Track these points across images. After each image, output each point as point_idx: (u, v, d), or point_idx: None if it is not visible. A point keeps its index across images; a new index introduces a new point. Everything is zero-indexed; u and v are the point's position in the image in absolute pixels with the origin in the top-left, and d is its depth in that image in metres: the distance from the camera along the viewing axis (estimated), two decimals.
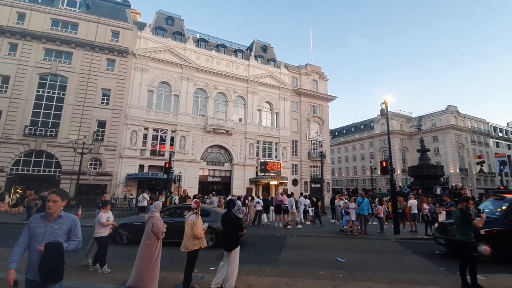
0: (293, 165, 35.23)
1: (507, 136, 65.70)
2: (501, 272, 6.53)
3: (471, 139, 58.24)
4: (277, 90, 34.57)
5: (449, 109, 57.67)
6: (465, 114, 59.69)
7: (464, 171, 54.26)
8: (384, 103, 15.02)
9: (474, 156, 54.46)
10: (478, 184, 55.03)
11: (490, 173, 56.48)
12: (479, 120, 61.99)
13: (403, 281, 6.00)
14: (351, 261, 7.86)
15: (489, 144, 60.62)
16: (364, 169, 63.66)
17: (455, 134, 56.05)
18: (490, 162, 56.30)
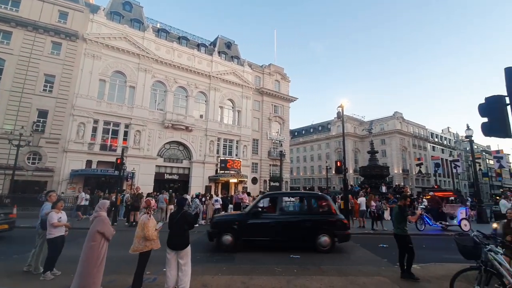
0: (253, 163, 35.53)
1: (441, 141, 74.52)
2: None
3: (413, 143, 64.85)
4: (240, 88, 34.48)
5: (396, 115, 63.46)
6: (408, 120, 66.17)
7: (406, 171, 60.22)
8: (341, 106, 15.90)
9: (414, 159, 60.72)
10: (417, 183, 61.48)
11: (427, 174, 63.47)
12: (419, 126, 69.27)
13: (351, 273, 6.37)
14: (306, 256, 8.14)
15: (427, 148, 68.13)
16: (320, 169, 66.87)
17: (399, 138, 61.87)
18: (427, 164, 63.23)
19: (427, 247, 9.88)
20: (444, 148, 73.33)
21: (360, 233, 12.78)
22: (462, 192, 53.73)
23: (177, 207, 5.31)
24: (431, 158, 57.94)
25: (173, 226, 4.96)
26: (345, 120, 41.87)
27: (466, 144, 68.99)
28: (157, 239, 5.04)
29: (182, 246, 4.84)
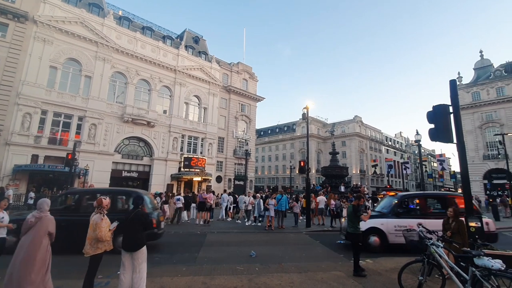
0: (218, 162, 35.14)
1: (394, 145, 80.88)
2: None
3: (370, 146, 69.45)
4: (207, 84, 33.81)
5: (356, 119, 67.39)
6: (367, 124, 70.72)
7: (363, 172, 64.30)
8: (306, 108, 16.36)
9: (370, 160, 65.08)
10: (372, 183, 65.96)
11: (381, 174, 68.41)
12: (376, 130, 74.42)
13: (310, 269, 6.57)
14: (267, 254, 8.23)
15: (382, 151, 73.47)
16: (284, 168, 68.42)
17: (358, 140, 65.82)
18: (381, 165, 68.14)
19: None
20: (397, 151, 79.71)
21: (320, 230, 13.31)
22: (410, 191, 58.93)
23: (133, 206, 4.99)
24: (385, 160, 62.64)
25: (127, 226, 4.65)
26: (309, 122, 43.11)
27: (415, 147, 75.75)
28: (111, 240, 4.68)
29: (135, 247, 4.55)
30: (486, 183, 44.77)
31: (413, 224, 7.93)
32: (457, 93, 7.19)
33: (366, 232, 8.23)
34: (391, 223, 8.68)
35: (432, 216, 8.81)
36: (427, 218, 8.39)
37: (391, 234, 8.56)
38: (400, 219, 8.71)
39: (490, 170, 44.69)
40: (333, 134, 33.39)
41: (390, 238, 8.56)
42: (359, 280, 5.78)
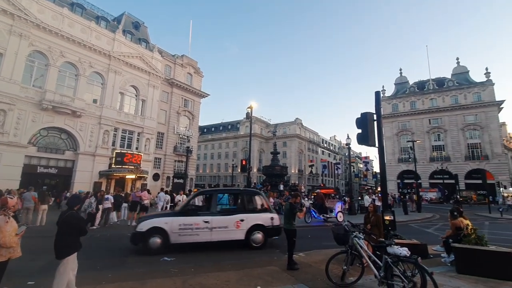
0: (157, 158, 33.16)
1: (329, 147, 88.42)
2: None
3: (308, 147, 74.47)
4: (147, 75, 31.51)
5: (296, 121, 71.42)
6: (306, 127, 75.61)
7: (301, 171, 68.56)
8: (250, 107, 16.59)
9: (308, 160, 69.89)
10: (308, 182, 70.84)
11: (316, 174, 73.98)
12: (313, 133, 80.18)
13: (247, 266, 6.65)
14: (205, 254, 8.07)
15: (318, 152, 79.53)
16: (227, 167, 68.40)
17: (298, 141, 69.90)
18: (317, 166, 73.70)
19: (312, 237, 11.40)
20: (331, 152, 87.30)
21: None
22: (340, 190, 65.27)
23: (66, 207, 4.40)
24: (321, 160, 67.98)
25: (57, 230, 4.16)
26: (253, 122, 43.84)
27: (346, 150, 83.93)
28: (18, 246, 3.94)
29: (60, 255, 4.05)
30: (399, 182, 52.36)
31: (199, 222, 8.17)
32: (380, 103, 8.17)
33: (147, 233, 7.74)
34: (176, 221, 8.09)
35: (220, 213, 8.89)
36: (215, 215, 8.55)
37: (174, 233, 7.96)
38: (187, 217, 8.24)
39: (402, 171, 52.49)
40: (275, 134, 34.73)
41: (172, 237, 7.94)
42: (292, 273, 6.08)
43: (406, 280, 4.31)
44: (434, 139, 51.59)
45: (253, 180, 49.10)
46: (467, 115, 48.90)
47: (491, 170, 44.03)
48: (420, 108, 53.15)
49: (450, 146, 49.51)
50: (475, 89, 49.10)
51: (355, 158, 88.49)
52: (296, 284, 5.35)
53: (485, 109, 47.40)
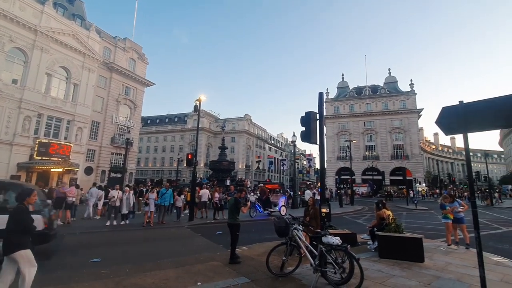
0: (90, 150, 29.96)
1: (276, 144, 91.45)
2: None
3: (256, 143, 75.79)
4: (81, 56, 28.03)
5: (246, 117, 71.96)
6: (255, 123, 76.75)
7: (248, 167, 69.53)
8: (198, 100, 16.03)
9: (255, 156, 71.18)
10: (255, 177, 72.31)
11: (263, 170, 75.93)
12: (262, 129, 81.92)
13: (188, 262, 6.44)
14: (143, 253, 7.61)
15: (265, 148, 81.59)
16: (172, 161, 65.54)
17: (247, 137, 70.61)
18: (264, 162, 75.63)
19: (256, 231, 11.65)
20: (277, 149, 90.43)
21: (203, 223, 13.38)
22: (285, 185, 68.31)
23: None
24: (268, 156, 70.04)
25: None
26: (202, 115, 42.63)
27: (292, 147, 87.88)
28: None
29: (6, 250, 3.81)
30: (337, 178, 57.04)
31: None
32: (323, 103, 8.68)
33: None
34: None
35: None
36: None
37: None
38: None
39: (340, 168, 57.31)
40: (224, 129, 34.40)
41: None
42: (234, 267, 6.09)
43: (337, 266, 4.69)
44: (367, 139, 57.50)
45: (199, 175, 48.07)
46: (394, 119, 55.68)
47: (410, 168, 51.17)
48: (357, 111, 58.60)
49: (379, 146, 55.81)
50: (401, 97, 56.17)
51: (299, 155, 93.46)
52: (237, 277, 5.37)
53: (408, 115, 54.67)
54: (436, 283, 5.13)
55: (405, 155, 53.72)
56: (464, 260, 6.76)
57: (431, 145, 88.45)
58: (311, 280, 5.03)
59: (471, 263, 6.18)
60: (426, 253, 6.88)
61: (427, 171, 67.40)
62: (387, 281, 5.19)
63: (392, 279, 5.33)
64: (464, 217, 8.34)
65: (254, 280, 5.23)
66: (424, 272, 5.75)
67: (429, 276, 5.51)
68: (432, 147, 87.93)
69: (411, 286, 4.96)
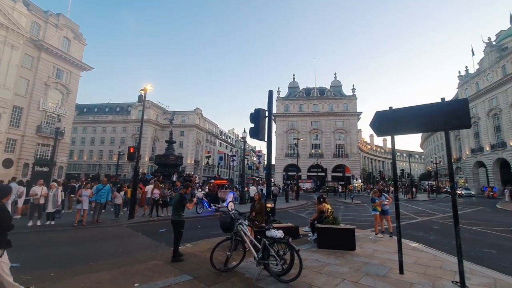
0: (11, 140, 25.80)
1: (227, 139, 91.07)
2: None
3: (206, 138, 74.34)
4: (3, 30, 23.90)
5: (196, 111, 69.97)
6: (206, 117, 75.18)
7: (197, 162, 67.90)
8: (144, 90, 15.00)
9: (205, 151, 69.84)
10: (204, 173, 71.05)
11: (212, 165, 75.03)
12: (213, 124, 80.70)
13: (126, 263, 6.02)
14: (74, 256, 6.86)
15: (216, 143, 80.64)
16: (111, 154, 60.44)
17: (197, 132, 68.77)
18: (214, 157, 74.76)
19: (202, 227, 11.46)
20: (228, 145, 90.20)
21: (145, 221, 12.64)
22: (234, 181, 68.65)
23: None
24: (218, 152, 69.32)
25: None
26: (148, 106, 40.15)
27: (242, 143, 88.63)
28: None
29: None
30: (284, 174, 59.40)
31: None
32: (272, 101, 8.87)
33: None
34: None
35: None
36: None
37: None
38: None
39: (288, 164, 59.75)
40: (172, 122, 32.73)
41: None
42: (177, 265, 5.90)
43: (279, 258, 4.90)
44: (313, 138, 61.07)
45: (143, 170, 45.26)
46: (337, 121, 60.19)
47: (349, 166, 56.02)
48: (306, 111, 61.76)
49: (324, 145, 59.83)
50: (344, 100, 60.98)
51: (250, 152, 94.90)
52: (179, 276, 5.21)
53: (349, 117, 59.66)
54: (364, 269, 5.72)
55: (345, 153, 58.60)
56: (387, 246, 7.67)
57: (367, 145, 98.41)
58: (254, 273, 5.15)
59: (393, 249, 7.03)
60: (358, 242, 7.63)
61: (363, 169, 74.77)
62: (323, 269, 5.60)
63: (328, 267, 5.78)
64: (389, 209, 9.45)
65: (197, 277, 5.14)
66: (355, 259, 6.37)
67: (359, 263, 6.12)
68: (368, 147, 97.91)
69: (343, 272, 5.44)
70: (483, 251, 7.98)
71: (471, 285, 4.78)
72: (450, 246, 7.84)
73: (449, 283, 4.94)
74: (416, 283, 4.94)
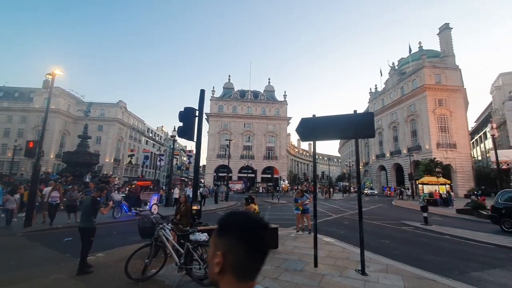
0: None
1: (154, 137, 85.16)
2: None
3: (130, 135, 67.96)
4: None
5: (120, 104, 63.34)
6: (130, 112, 68.73)
7: (118, 161, 61.46)
8: (51, 75, 12.78)
9: (128, 149, 63.75)
10: (126, 173, 64.82)
11: (136, 165, 69.08)
12: (139, 120, 74.40)
13: (19, 279, 5.01)
14: None
15: (141, 141, 74.51)
16: (5, 149, 49.70)
17: (119, 127, 62.27)
18: (138, 156, 68.92)
19: (119, 233, 10.36)
20: (156, 143, 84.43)
21: (46, 229, 10.70)
22: (161, 182, 64.58)
23: None
24: (143, 150, 64.16)
25: None
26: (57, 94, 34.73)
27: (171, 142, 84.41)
28: None
29: None
30: (215, 175, 58.95)
31: None
32: (204, 101, 8.63)
33: None
34: None
35: None
36: None
37: None
38: None
39: (219, 165, 59.44)
40: (88, 115, 28.51)
41: None
42: (84, 278, 5.18)
43: (202, 262, 4.77)
44: (245, 140, 62.37)
45: (48, 169, 38.57)
46: (269, 124, 62.97)
47: (278, 167, 59.22)
48: (240, 113, 62.66)
49: (255, 147, 61.75)
50: (276, 105, 64.25)
51: (180, 151, 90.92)
52: None
53: (280, 121, 63.16)
54: (284, 265, 6.06)
55: (275, 156, 61.74)
56: (306, 243, 8.33)
57: (295, 149, 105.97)
58: (175, 279, 4.89)
59: (311, 244, 7.64)
60: (280, 240, 8.06)
61: (290, 171, 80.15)
62: None
63: None
64: (309, 208, 10.31)
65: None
66: (277, 257, 6.70)
67: (280, 260, 6.45)
68: (296, 150, 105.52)
69: (266, 270, 5.65)
70: (380, 241, 9.43)
71: (369, 272, 5.57)
72: (356, 239, 8.94)
73: (353, 271, 5.65)
74: (327, 274, 5.48)
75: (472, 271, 6.26)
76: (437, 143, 44.79)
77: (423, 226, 12.51)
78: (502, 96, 50.99)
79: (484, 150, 57.41)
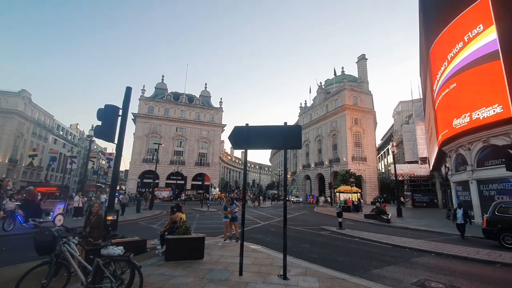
0: None
1: (66, 136, 73.70)
2: None
3: (33, 131, 57.26)
4: None
5: (22, 94, 53.03)
6: (36, 105, 58.09)
7: (14, 161, 50.95)
8: None
9: (29, 149, 53.49)
10: (24, 176, 54.19)
11: (40, 167, 58.41)
12: (48, 115, 63.37)
13: None
14: None
15: (48, 139, 63.46)
16: None
17: (19, 121, 51.92)
18: (42, 156, 58.48)
19: (10, 249, 8.57)
20: (67, 143, 73.16)
21: None
22: (71, 188, 55.80)
23: None
24: (50, 150, 54.60)
25: None
26: None
27: (88, 142, 74.55)
28: None
29: None
30: (139, 181, 54.29)
31: None
32: (130, 99, 7.93)
33: None
34: None
35: None
36: None
37: None
38: None
39: (145, 171, 55.06)
40: None
41: None
42: None
43: (115, 279, 4.23)
44: (177, 145, 59.55)
45: None
46: (203, 130, 61.70)
47: (209, 174, 58.21)
48: (172, 116, 59.65)
49: (187, 152, 59.48)
50: (212, 111, 63.54)
51: (98, 153, 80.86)
52: None
53: (215, 128, 62.59)
54: (208, 275, 5.86)
55: (207, 162, 60.59)
56: (233, 251, 8.29)
57: (228, 156, 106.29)
58: None
59: (238, 253, 7.65)
60: (207, 249, 7.82)
61: (222, 178, 79.75)
62: (167, 283, 5.30)
63: (173, 279, 5.53)
64: (238, 215, 10.37)
65: None
66: (202, 268, 6.45)
67: (205, 270, 6.23)
68: (229, 157, 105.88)
69: (188, 283, 5.36)
70: (302, 246, 10.09)
71: (290, 276, 5.86)
72: (280, 245, 9.41)
73: (275, 277, 5.84)
74: (251, 281, 5.52)
75: (374, 269, 7.21)
76: (352, 156, 51.55)
77: (338, 230, 13.98)
78: (400, 120, 62.58)
79: (387, 164, 68.56)
